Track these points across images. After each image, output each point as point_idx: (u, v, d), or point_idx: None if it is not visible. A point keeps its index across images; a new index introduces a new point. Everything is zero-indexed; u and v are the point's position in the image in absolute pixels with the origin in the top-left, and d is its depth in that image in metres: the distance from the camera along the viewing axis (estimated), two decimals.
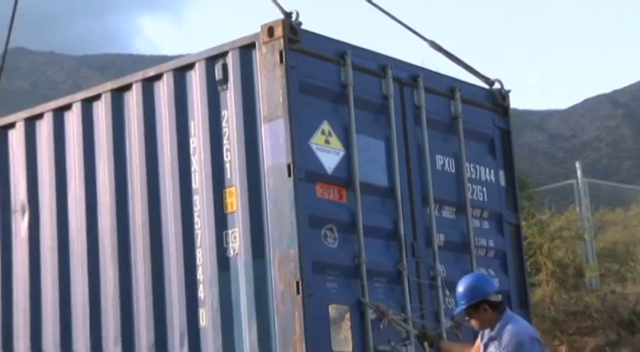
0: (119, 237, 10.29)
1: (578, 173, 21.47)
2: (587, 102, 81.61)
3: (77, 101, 10.82)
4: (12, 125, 11.35)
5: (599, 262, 20.64)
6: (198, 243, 9.77)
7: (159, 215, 10.06)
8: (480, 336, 8.49)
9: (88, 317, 10.41)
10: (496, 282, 8.70)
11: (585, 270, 20.22)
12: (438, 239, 10.23)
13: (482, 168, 10.75)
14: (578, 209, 20.80)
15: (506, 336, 8.11)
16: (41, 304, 10.80)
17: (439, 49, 11.26)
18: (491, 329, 8.28)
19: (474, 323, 8.39)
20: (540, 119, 71.58)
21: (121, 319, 10.17)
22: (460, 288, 8.35)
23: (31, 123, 11.17)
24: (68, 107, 10.89)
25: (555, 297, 18.95)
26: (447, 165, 10.50)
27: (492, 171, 10.86)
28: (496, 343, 8.19)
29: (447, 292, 9.86)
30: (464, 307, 8.28)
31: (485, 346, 8.34)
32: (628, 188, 27.24)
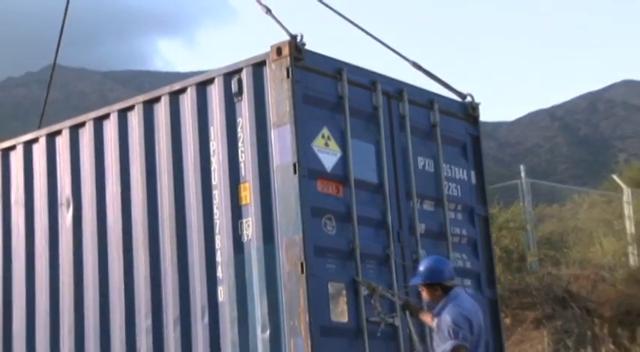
0: (149, 227, 9.89)
1: (522, 174, 20.99)
2: (530, 116, 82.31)
3: (114, 111, 10.42)
4: (59, 132, 10.89)
5: (538, 249, 20.33)
6: (217, 230, 9.38)
7: (183, 207, 9.65)
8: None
9: (123, 294, 9.98)
10: (452, 269, 8.25)
11: (527, 255, 19.91)
12: (420, 228, 9.84)
13: (456, 169, 10.40)
14: (521, 204, 20.39)
15: (443, 316, 7.81)
16: (83, 283, 10.34)
17: (419, 68, 10.89)
18: (437, 305, 8.01)
19: (424, 295, 8.16)
20: (491, 129, 71.71)
21: (151, 295, 9.75)
22: (422, 267, 8.15)
23: (75, 130, 10.74)
24: (106, 116, 10.50)
25: (502, 278, 18.47)
26: (427, 165, 10.12)
27: (465, 171, 10.51)
28: (437, 319, 7.92)
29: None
30: (419, 283, 8.10)
31: (435, 316, 8.04)
32: (563, 187, 26.96)
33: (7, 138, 11.58)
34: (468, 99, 10.74)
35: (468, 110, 10.69)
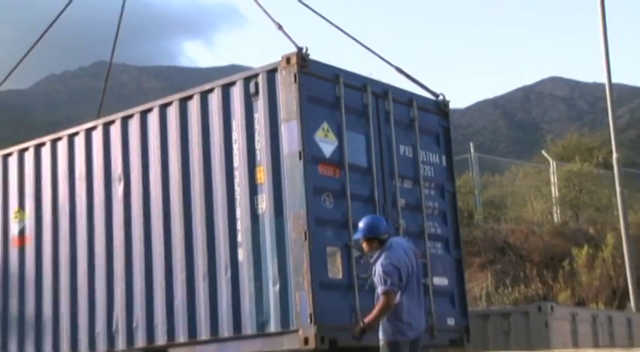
0: (184, 200, 9.30)
1: (471, 150, 20.50)
2: (478, 104, 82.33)
3: (156, 106, 9.75)
4: (113, 121, 10.21)
5: (483, 209, 19.97)
6: (237, 204, 8.86)
7: (211, 185, 9.09)
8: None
9: (163, 256, 9.40)
10: (386, 225, 7.36)
11: (474, 214, 19.48)
12: (401, 202, 9.23)
13: (430, 154, 9.77)
14: (470, 174, 19.92)
15: (377, 266, 6.93)
16: (132, 242, 9.73)
17: (401, 72, 10.27)
18: (374, 255, 7.09)
19: (365, 247, 7.15)
20: None
21: (185, 254, 9.18)
22: (361, 224, 7.15)
23: (125, 120, 10.06)
24: (150, 110, 9.84)
25: None
26: (407, 151, 9.49)
27: (437, 156, 9.88)
28: (373, 268, 7.05)
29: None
30: (360, 237, 7.12)
31: (372, 265, 7.16)
32: (503, 160, 26.59)
33: (64, 121, 10.91)
34: (440, 98, 10.13)
35: (440, 106, 10.09)
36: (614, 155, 15.62)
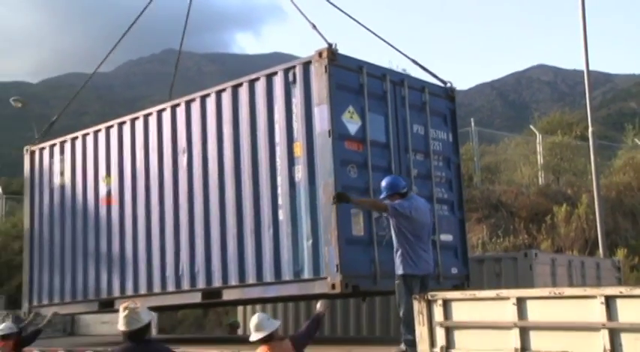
0: (235, 169, 8.76)
1: (472, 124, 19.52)
2: (477, 86, 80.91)
3: (213, 92, 9.16)
4: (178, 104, 9.65)
5: (481, 173, 19.05)
6: (278, 173, 8.31)
7: (257, 157, 8.53)
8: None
9: (218, 215, 8.89)
10: (404, 182, 7.17)
11: (474, 177, 18.54)
12: (414, 172, 8.60)
13: (439, 132, 9.05)
14: (471, 144, 18.96)
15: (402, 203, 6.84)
16: (194, 204, 9.23)
17: (416, 63, 9.49)
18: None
19: (389, 200, 6.93)
20: None
21: (236, 213, 8.67)
22: (383, 184, 7.06)
23: (188, 103, 9.49)
24: (208, 95, 9.25)
25: None
26: (419, 130, 8.79)
27: (445, 133, 9.16)
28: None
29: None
30: (384, 196, 6.97)
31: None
32: (498, 133, 25.33)
33: (139, 97, 10.44)
34: (448, 85, 9.38)
35: (448, 92, 9.33)
36: (590, 129, 14.95)
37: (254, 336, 5.61)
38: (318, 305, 6.42)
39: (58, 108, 12.48)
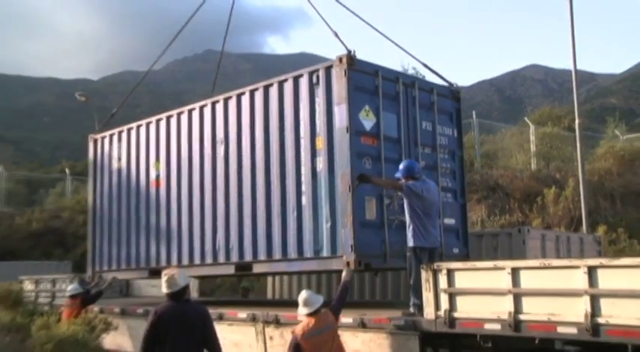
0: (265, 160, 8.55)
1: (474, 116, 19.27)
2: (478, 83, 79.54)
3: (247, 91, 8.93)
4: (217, 101, 9.43)
5: (481, 159, 18.81)
6: (302, 163, 8.06)
7: (284, 149, 8.30)
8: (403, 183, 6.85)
9: (250, 199, 8.71)
10: (419, 168, 7.03)
11: (475, 162, 18.28)
12: (422, 164, 8.24)
13: (445, 128, 8.73)
14: (472, 133, 18.74)
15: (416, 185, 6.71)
16: (229, 189, 9.05)
17: (426, 66, 9.14)
18: None
19: (403, 181, 6.80)
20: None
21: (265, 200, 8.48)
22: (401, 166, 6.92)
23: (226, 100, 9.27)
24: (243, 93, 9.01)
25: None
26: (427, 127, 8.48)
27: (450, 130, 8.82)
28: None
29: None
30: (400, 177, 6.82)
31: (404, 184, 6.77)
32: (496, 124, 24.76)
33: (183, 92, 10.20)
34: (454, 86, 9.03)
35: (454, 93, 8.98)
36: (577, 121, 14.60)
37: (303, 310, 5.70)
38: (344, 274, 6.72)
39: (116, 102, 12.40)
